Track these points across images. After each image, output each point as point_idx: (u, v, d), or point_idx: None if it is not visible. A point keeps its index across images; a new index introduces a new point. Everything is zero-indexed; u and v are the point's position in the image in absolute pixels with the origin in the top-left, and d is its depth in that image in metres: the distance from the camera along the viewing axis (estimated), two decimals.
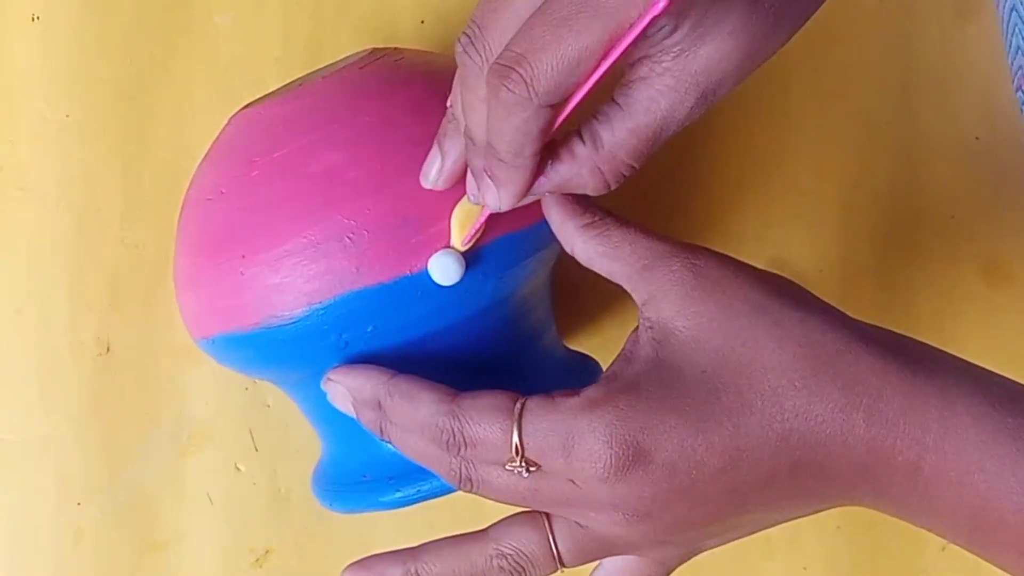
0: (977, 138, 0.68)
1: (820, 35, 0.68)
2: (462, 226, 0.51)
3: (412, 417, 0.49)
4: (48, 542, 0.65)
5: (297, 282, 0.51)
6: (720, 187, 0.67)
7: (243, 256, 0.52)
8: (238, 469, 0.65)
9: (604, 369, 0.59)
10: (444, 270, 0.51)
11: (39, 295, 0.65)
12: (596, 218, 0.50)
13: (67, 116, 0.66)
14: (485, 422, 0.48)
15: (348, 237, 0.51)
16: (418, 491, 0.54)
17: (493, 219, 0.51)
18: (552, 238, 0.52)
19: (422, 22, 0.67)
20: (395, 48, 0.57)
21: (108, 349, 0.65)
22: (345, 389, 0.51)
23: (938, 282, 0.67)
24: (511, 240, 0.52)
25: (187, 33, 0.66)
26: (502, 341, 0.55)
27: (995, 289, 0.67)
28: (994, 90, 0.68)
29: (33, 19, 0.66)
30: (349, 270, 0.51)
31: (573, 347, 0.61)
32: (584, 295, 0.66)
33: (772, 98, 0.67)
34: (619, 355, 0.49)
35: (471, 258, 0.51)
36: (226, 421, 0.65)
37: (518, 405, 0.48)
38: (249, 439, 0.66)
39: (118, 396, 0.65)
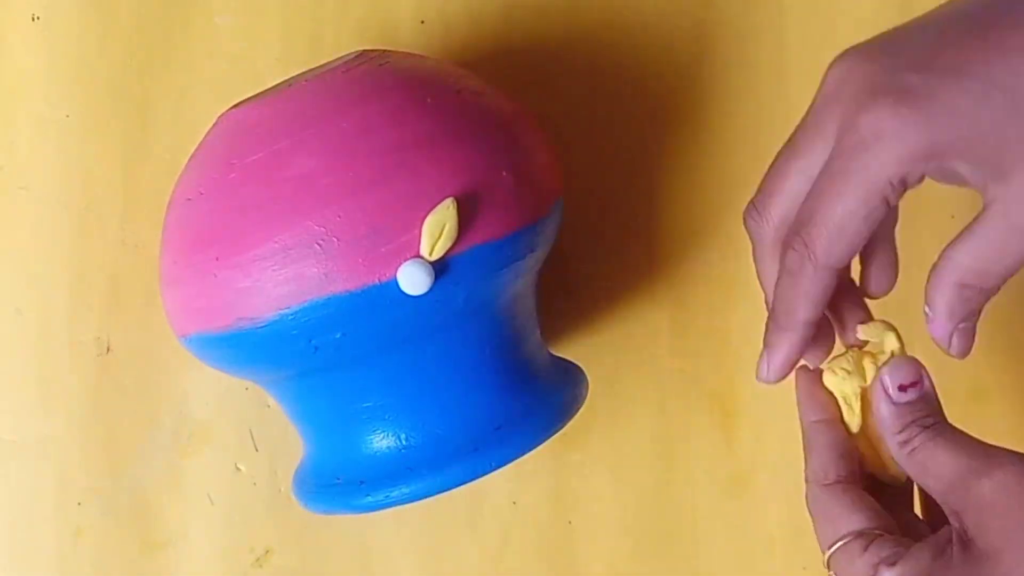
0: None
1: (820, 35, 0.67)
2: (432, 236, 0.51)
3: None
4: (48, 542, 0.65)
5: (267, 286, 0.51)
6: (720, 187, 0.67)
7: (216, 258, 0.52)
8: (238, 469, 0.65)
9: (587, 377, 0.59)
10: (413, 280, 0.50)
11: (39, 295, 0.65)
12: (912, 435, 0.51)
13: (67, 116, 0.66)
14: None
15: (318, 244, 0.50)
16: (387, 496, 0.54)
17: (465, 229, 0.51)
18: (529, 249, 0.52)
19: (422, 22, 0.66)
20: (383, 51, 0.57)
21: (108, 349, 0.65)
22: None
23: None
24: (484, 251, 0.52)
25: (187, 33, 0.66)
26: (477, 349, 0.54)
27: None
28: None
29: (33, 19, 0.66)
30: (318, 277, 0.51)
31: (559, 354, 0.61)
32: (571, 301, 0.65)
33: (772, 98, 0.67)
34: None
35: (441, 268, 0.51)
36: (226, 421, 0.65)
37: None
38: (249, 439, 0.65)
39: (118, 396, 0.65)
